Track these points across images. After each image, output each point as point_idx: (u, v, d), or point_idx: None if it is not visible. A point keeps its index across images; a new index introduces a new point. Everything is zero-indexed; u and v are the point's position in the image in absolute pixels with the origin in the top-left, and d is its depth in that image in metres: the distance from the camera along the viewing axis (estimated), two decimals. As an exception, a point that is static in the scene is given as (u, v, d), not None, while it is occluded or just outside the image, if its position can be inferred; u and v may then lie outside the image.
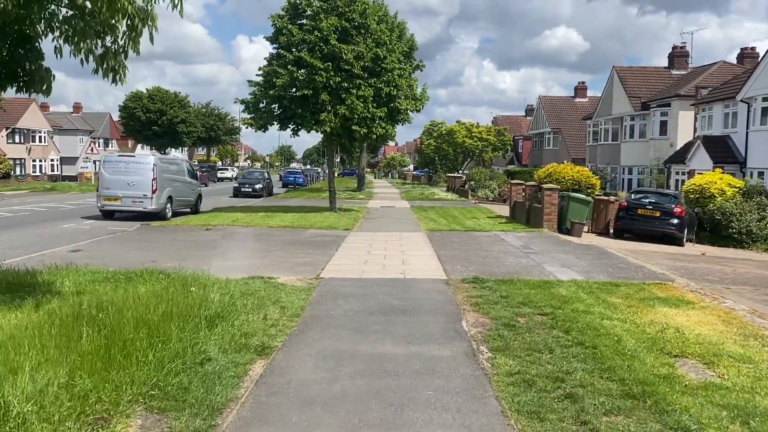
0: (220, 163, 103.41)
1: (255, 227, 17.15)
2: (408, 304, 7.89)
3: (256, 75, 21.64)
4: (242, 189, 36.54)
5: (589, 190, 19.08)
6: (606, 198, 19.29)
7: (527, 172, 38.59)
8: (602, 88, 39.55)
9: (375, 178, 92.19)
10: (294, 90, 20.77)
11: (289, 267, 10.62)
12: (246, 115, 22.41)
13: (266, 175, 41.26)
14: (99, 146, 72.90)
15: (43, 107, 67.51)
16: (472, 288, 8.99)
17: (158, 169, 19.79)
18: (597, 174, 25.66)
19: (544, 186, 17.44)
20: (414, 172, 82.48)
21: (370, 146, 54.72)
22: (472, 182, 36.98)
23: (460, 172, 51.25)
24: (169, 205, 20.48)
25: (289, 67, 20.34)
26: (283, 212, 22.16)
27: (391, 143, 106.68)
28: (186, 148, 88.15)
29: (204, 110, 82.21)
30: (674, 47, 37.98)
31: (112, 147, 76.11)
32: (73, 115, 73.73)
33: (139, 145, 75.14)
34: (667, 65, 38.06)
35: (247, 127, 22.41)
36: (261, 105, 21.73)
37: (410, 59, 22.96)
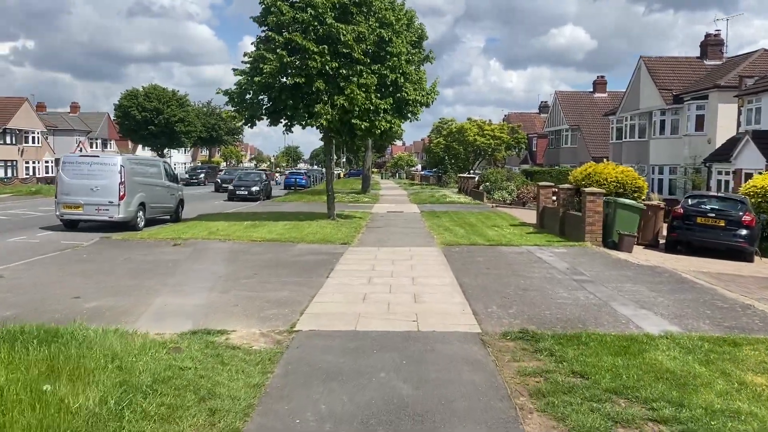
0: (224, 163, 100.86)
1: (234, 241, 14.20)
2: (426, 397, 4.78)
3: (242, 62, 18.69)
4: (237, 192, 33.89)
5: (636, 194, 15.94)
6: (656, 204, 16.14)
7: (547, 172, 35.48)
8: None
9: (382, 178, 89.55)
10: (284, 78, 17.79)
11: (256, 309, 7.59)
12: (230, 108, 19.44)
13: (264, 176, 38.46)
14: (97, 147, 70.29)
15: (39, 107, 64.83)
16: (522, 352, 5.91)
17: (127, 172, 17.05)
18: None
19: (586, 190, 14.26)
20: (422, 173, 79.59)
21: (377, 145, 51.80)
22: (488, 183, 33.77)
23: (472, 172, 48.12)
24: (141, 213, 17.73)
25: (278, 51, 17.33)
26: (273, 220, 19.17)
27: (398, 142, 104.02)
28: (187, 149, 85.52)
29: (205, 109, 79.39)
30: (707, 35, 34.72)
31: (110, 148, 73.35)
32: (70, 115, 70.93)
33: (139, 146, 72.41)
34: (698, 55, 34.80)
35: (230, 121, 19.49)
36: (247, 96, 18.70)
37: (419, 49, 19.89)
